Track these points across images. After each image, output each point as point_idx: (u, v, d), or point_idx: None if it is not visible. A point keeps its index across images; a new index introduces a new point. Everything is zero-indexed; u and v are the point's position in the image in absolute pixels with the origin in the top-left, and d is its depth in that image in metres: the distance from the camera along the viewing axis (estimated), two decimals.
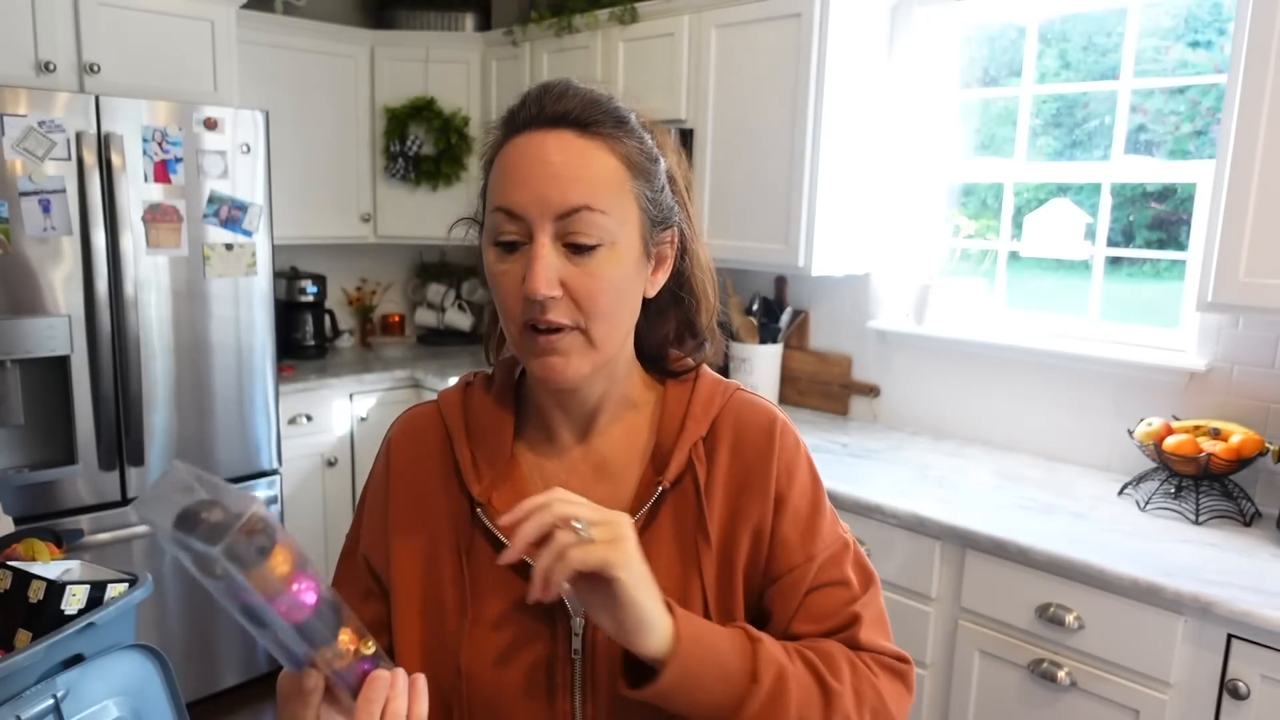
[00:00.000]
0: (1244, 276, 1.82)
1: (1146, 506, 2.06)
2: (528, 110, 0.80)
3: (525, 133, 0.79)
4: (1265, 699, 1.59)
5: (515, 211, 0.77)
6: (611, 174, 0.79)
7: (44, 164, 2.39)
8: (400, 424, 0.95)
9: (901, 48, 2.66)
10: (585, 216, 0.77)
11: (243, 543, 0.59)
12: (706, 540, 0.84)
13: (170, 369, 2.68)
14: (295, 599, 0.63)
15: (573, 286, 0.77)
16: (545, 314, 0.77)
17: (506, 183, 0.79)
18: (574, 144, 0.78)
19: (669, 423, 0.88)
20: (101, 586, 1.64)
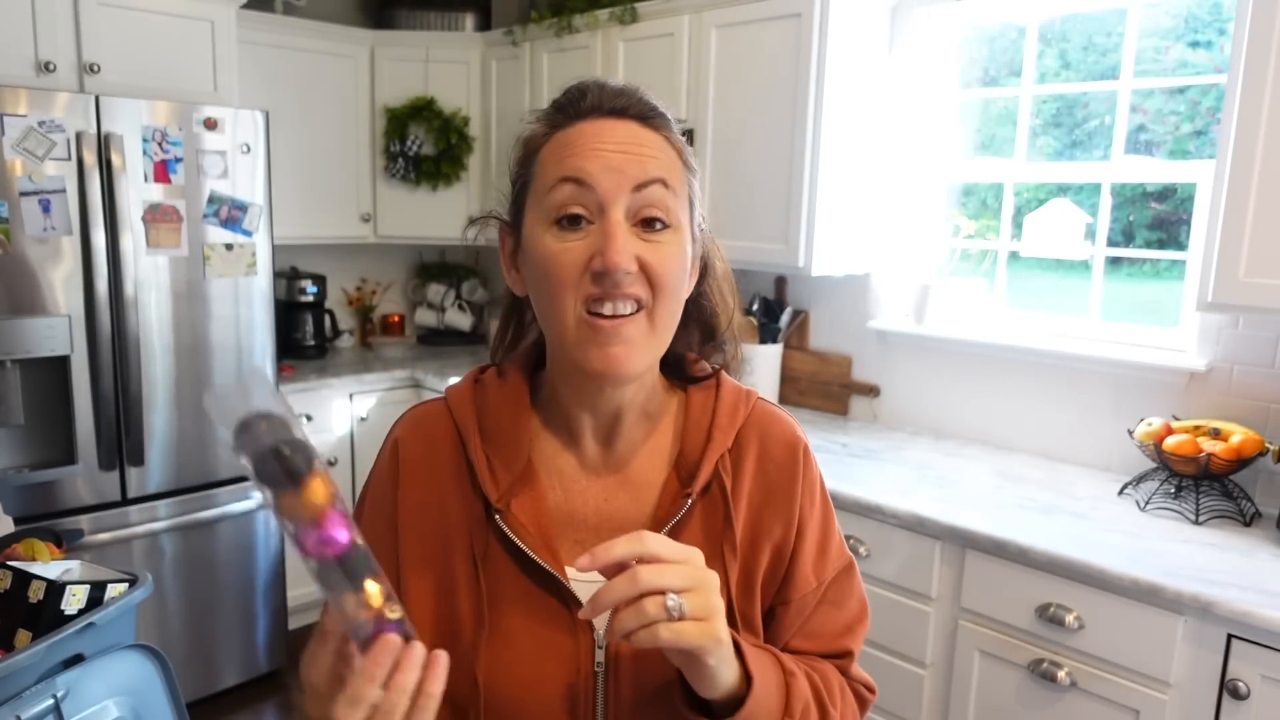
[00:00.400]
0: (1244, 276, 1.82)
1: (1146, 506, 2.06)
2: (589, 100, 0.79)
3: (587, 120, 0.78)
4: (1265, 699, 1.59)
5: (586, 180, 0.74)
6: (675, 162, 0.80)
7: (44, 164, 2.39)
8: (407, 422, 0.91)
9: (901, 48, 2.66)
10: (660, 191, 0.76)
11: (272, 464, 0.58)
12: (733, 548, 0.83)
13: (170, 369, 2.68)
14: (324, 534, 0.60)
15: (646, 260, 0.75)
16: (622, 288, 0.74)
17: (573, 155, 0.76)
18: (643, 132, 0.78)
19: (694, 431, 0.86)
20: (101, 586, 1.64)
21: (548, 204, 0.76)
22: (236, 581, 2.91)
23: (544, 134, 0.80)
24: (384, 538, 0.86)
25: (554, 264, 0.75)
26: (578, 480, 0.86)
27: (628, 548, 0.66)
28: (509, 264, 0.86)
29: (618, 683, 0.79)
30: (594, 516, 0.85)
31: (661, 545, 0.67)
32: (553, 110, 0.81)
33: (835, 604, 0.88)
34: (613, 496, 0.85)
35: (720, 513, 0.84)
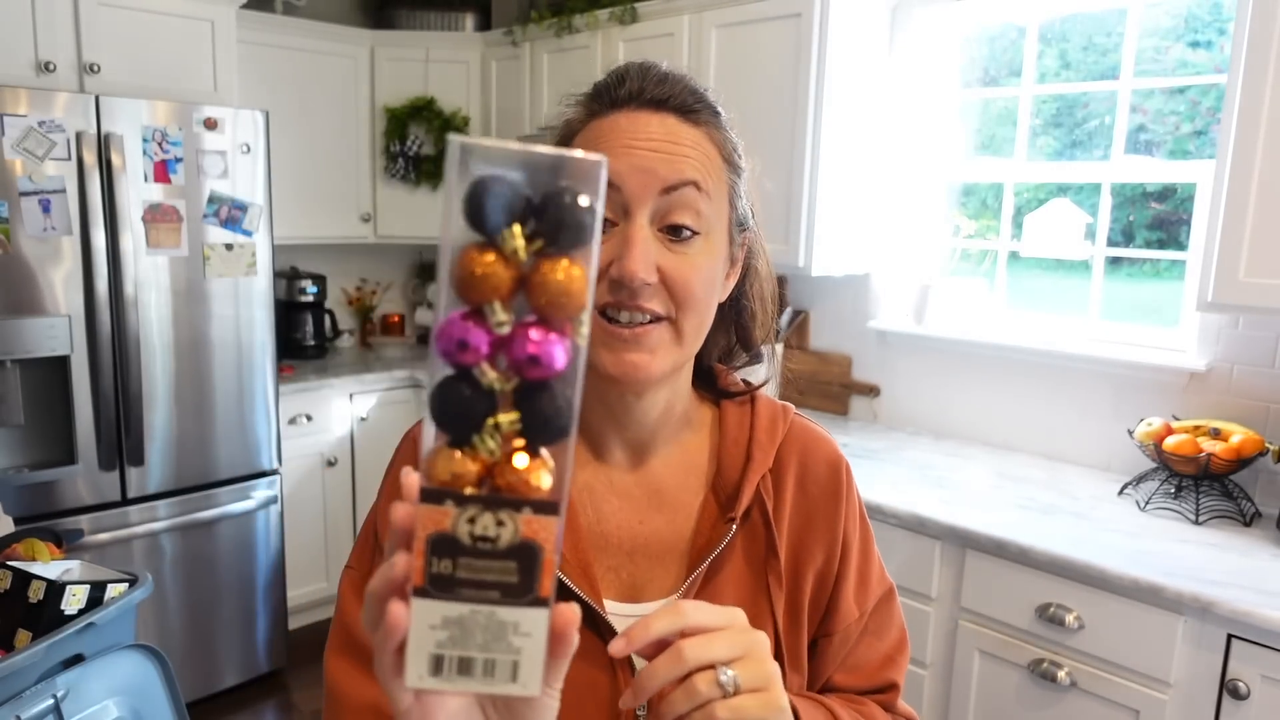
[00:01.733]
0: (1244, 276, 1.82)
1: (1146, 506, 2.06)
2: (628, 88, 0.73)
3: (624, 110, 0.73)
4: (1265, 699, 1.59)
5: (614, 181, 0.69)
6: (714, 161, 0.75)
7: (44, 164, 2.39)
8: (416, 435, 0.83)
9: (901, 47, 2.66)
10: (691, 195, 0.71)
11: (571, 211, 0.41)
12: (778, 578, 0.78)
13: (170, 369, 2.68)
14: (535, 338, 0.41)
15: (668, 272, 0.70)
16: (638, 300, 0.69)
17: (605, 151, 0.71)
18: (681, 128, 0.73)
19: (732, 449, 0.81)
20: (101, 586, 1.64)
21: None
22: (236, 581, 2.91)
23: (580, 121, 0.76)
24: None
25: None
26: (608, 500, 0.79)
27: (668, 624, 0.58)
28: None
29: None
30: (628, 541, 0.79)
31: (702, 614, 0.60)
32: (592, 95, 0.76)
33: (877, 634, 0.83)
34: (647, 519, 0.79)
35: (763, 539, 0.79)
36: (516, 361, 0.41)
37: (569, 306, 0.41)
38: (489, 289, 0.40)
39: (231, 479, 2.86)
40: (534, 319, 0.42)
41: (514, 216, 0.40)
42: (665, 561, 0.78)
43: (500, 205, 0.40)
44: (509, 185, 0.40)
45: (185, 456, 2.75)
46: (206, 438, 2.79)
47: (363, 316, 4.00)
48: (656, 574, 0.78)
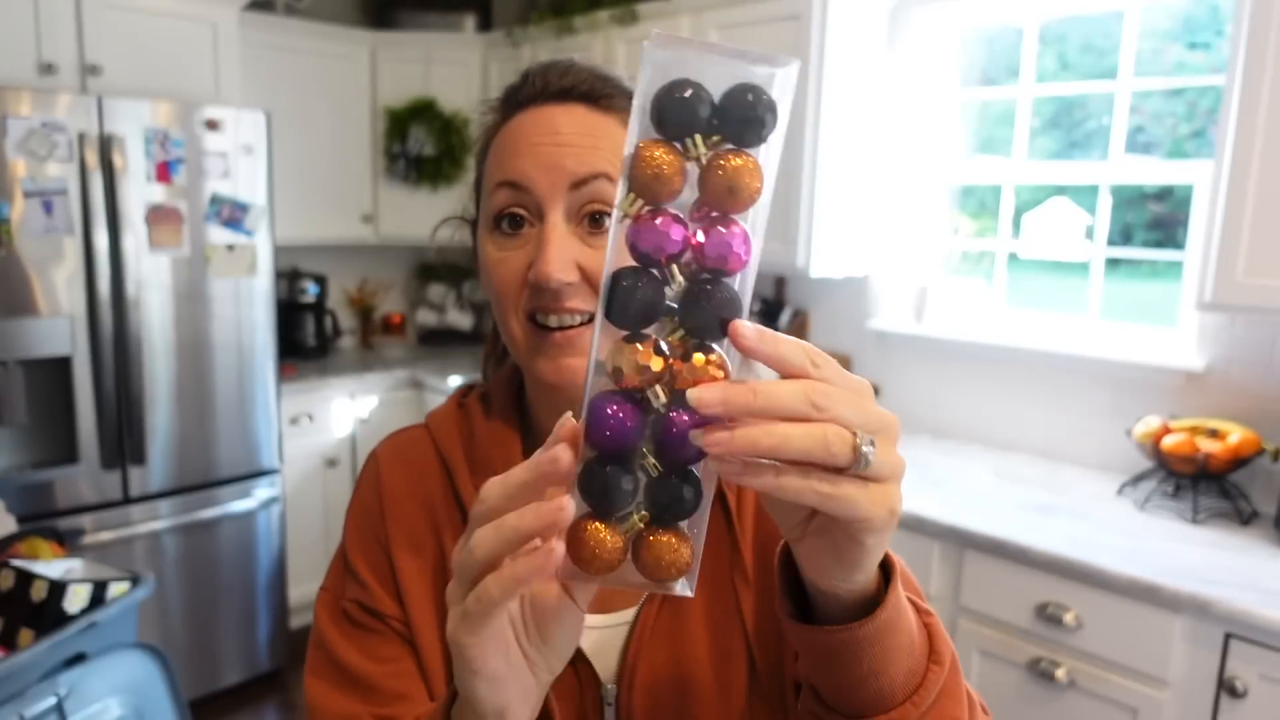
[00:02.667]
0: (1242, 276, 1.83)
1: (1144, 506, 2.06)
2: (531, 85, 0.72)
3: (529, 108, 0.71)
4: (1263, 698, 1.60)
5: (521, 183, 0.68)
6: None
7: (46, 164, 2.40)
8: (388, 449, 0.82)
9: (901, 49, 2.67)
10: (603, 186, 0.68)
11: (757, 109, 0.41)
12: (745, 579, 0.73)
13: (172, 369, 2.69)
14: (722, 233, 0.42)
15: (589, 269, 0.67)
16: (561, 302, 0.67)
17: (510, 155, 0.70)
18: (587, 117, 0.70)
19: None
20: (103, 585, 1.65)
21: (489, 206, 0.71)
22: (238, 580, 2.91)
23: (495, 126, 0.74)
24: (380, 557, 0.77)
25: (494, 274, 0.70)
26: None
27: (797, 351, 0.45)
28: (476, 265, 0.78)
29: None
30: None
31: (837, 369, 0.47)
32: (502, 99, 0.75)
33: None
34: None
35: (724, 536, 0.74)
36: (711, 256, 0.41)
37: (744, 199, 0.41)
38: (675, 188, 0.41)
39: (233, 478, 2.87)
40: (715, 215, 0.42)
41: (698, 120, 0.41)
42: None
43: (686, 110, 0.41)
44: (695, 89, 0.41)
45: (187, 456, 2.76)
46: (208, 437, 2.79)
47: (364, 317, 4.01)
48: None
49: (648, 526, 0.45)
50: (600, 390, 0.43)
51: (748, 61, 0.42)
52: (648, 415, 0.43)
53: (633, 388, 0.42)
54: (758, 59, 0.42)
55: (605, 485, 0.43)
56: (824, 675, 0.55)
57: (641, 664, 0.71)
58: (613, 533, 0.44)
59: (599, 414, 0.42)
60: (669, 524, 0.45)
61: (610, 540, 0.44)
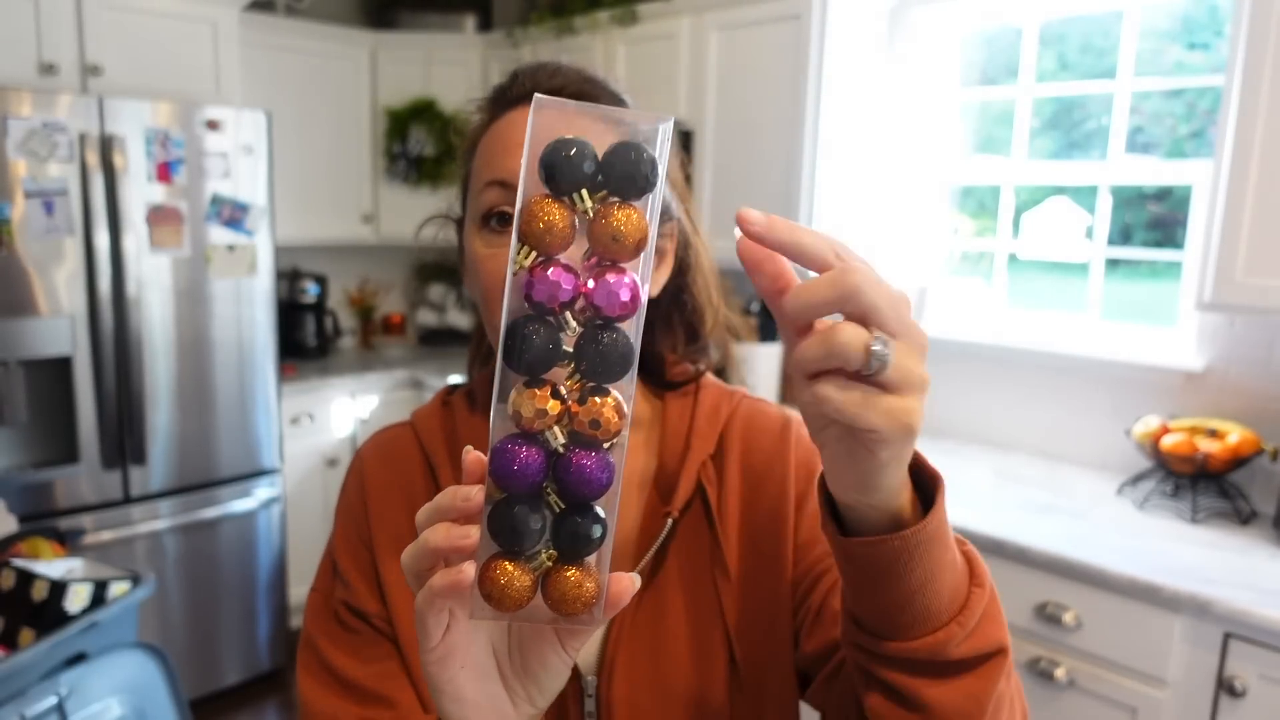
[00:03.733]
0: (1241, 276, 1.83)
1: (1144, 506, 2.06)
2: (520, 86, 0.73)
3: (518, 108, 0.72)
4: (1262, 697, 1.60)
5: (511, 182, 0.68)
6: None
7: (47, 165, 2.40)
8: (372, 448, 0.83)
9: (900, 49, 2.67)
10: None
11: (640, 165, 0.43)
12: (725, 574, 0.74)
13: (172, 369, 2.70)
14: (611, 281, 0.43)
15: None
16: None
17: (500, 154, 0.70)
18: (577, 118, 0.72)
19: (672, 442, 0.78)
20: (104, 585, 1.65)
21: (477, 205, 0.72)
22: (238, 580, 2.92)
23: (482, 125, 0.75)
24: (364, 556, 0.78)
25: (482, 270, 0.71)
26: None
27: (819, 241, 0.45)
28: (463, 265, 0.79)
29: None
30: None
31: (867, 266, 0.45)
32: (489, 99, 0.76)
33: None
34: None
35: (705, 533, 0.75)
36: (599, 303, 0.43)
37: (630, 249, 0.43)
38: (565, 240, 0.43)
39: (233, 478, 2.87)
40: (607, 264, 0.44)
41: (584, 176, 0.43)
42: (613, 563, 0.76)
43: (573, 166, 0.43)
44: (580, 147, 0.43)
45: (187, 456, 2.76)
46: (208, 437, 2.80)
47: (364, 317, 4.01)
48: None
49: (555, 564, 0.46)
50: (504, 433, 0.45)
51: (628, 120, 0.45)
52: (549, 456, 0.45)
53: (532, 430, 0.44)
54: (637, 116, 0.45)
55: (512, 525, 0.45)
56: (868, 597, 0.53)
57: (621, 656, 0.72)
58: (522, 571, 0.46)
59: (502, 455, 0.44)
60: (575, 560, 0.46)
61: (519, 578, 0.46)
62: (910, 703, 0.54)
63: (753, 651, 0.74)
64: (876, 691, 0.56)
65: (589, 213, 0.43)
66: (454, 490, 0.47)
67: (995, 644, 0.54)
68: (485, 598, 0.46)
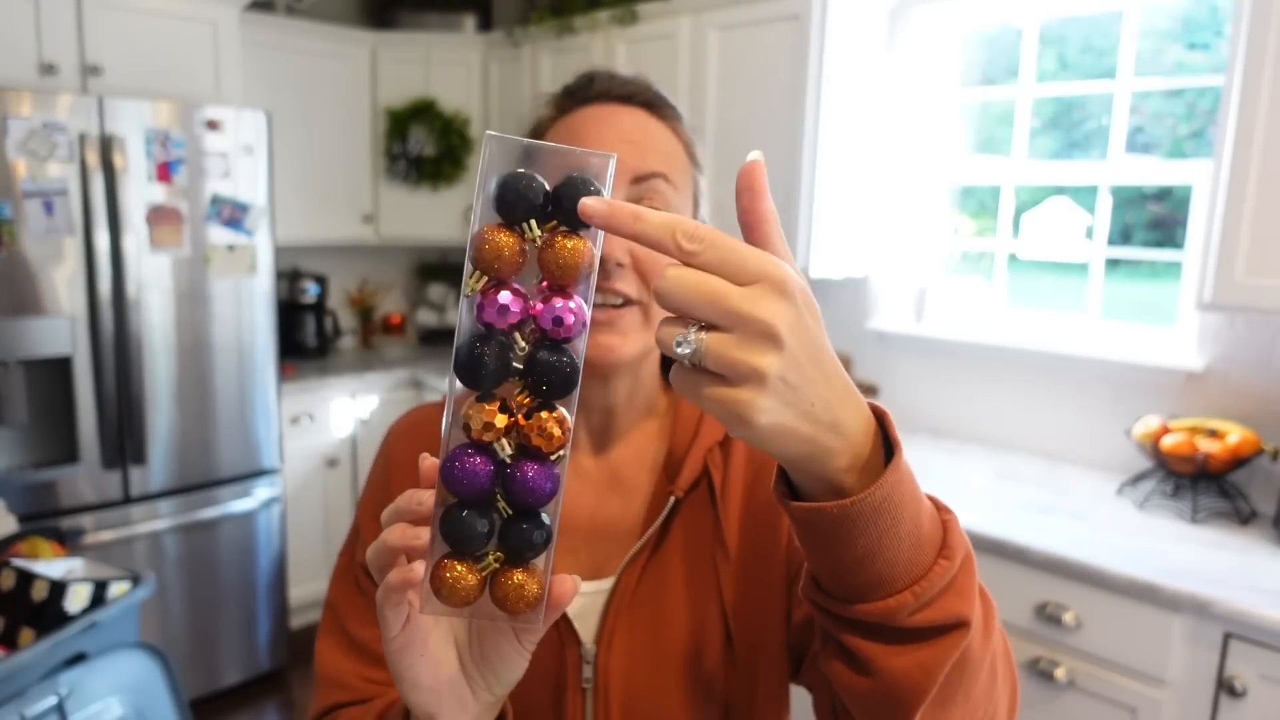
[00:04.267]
0: (1241, 276, 1.83)
1: (1144, 506, 2.06)
2: (598, 86, 0.78)
3: (594, 105, 0.77)
4: (1262, 697, 1.60)
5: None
6: (680, 156, 0.78)
7: (47, 165, 2.40)
8: (402, 425, 0.88)
9: (900, 49, 2.67)
10: (660, 185, 0.74)
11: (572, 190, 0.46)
12: (725, 552, 0.77)
13: (172, 369, 2.69)
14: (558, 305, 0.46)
15: (640, 256, 0.72)
16: (611, 282, 0.72)
17: (577, 142, 0.74)
18: (650, 121, 0.77)
19: (683, 427, 0.82)
20: (104, 585, 1.65)
21: None
22: (238, 580, 2.92)
23: (551, 118, 0.80)
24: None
25: None
26: (571, 484, 0.81)
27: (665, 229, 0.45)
28: None
29: (607, 699, 0.75)
30: (586, 524, 0.81)
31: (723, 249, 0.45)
32: (561, 95, 0.80)
33: None
34: (605, 502, 0.81)
35: (708, 513, 0.78)
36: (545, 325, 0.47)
37: (577, 274, 0.47)
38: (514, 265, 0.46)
39: (233, 478, 2.87)
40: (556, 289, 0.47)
41: (534, 207, 0.46)
42: (620, 543, 0.80)
43: (524, 198, 0.46)
44: (531, 180, 0.46)
45: (187, 456, 2.76)
46: (208, 437, 2.80)
47: (364, 317, 4.01)
48: (612, 555, 0.79)
49: (502, 566, 0.50)
50: (457, 443, 0.48)
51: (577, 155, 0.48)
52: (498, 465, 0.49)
53: (482, 442, 0.48)
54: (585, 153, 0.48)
55: (461, 528, 0.48)
56: (818, 558, 0.54)
57: (620, 627, 0.76)
58: (470, 570, 0.49)
59: (453, 464, 0.48)
60: (520, 563, 0.50)
61: (467, 578, 0.49)
62: (862, 666, 0.54)
63: (747, 630, 0.77)
64: (834, 654, 0.57)
65: (538, 241, 0.46)
66: (410, 494, 0.51)
67: (954, 617, 0.53)
68: (435, 593, 0.49)
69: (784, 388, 0.44)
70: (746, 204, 0.50)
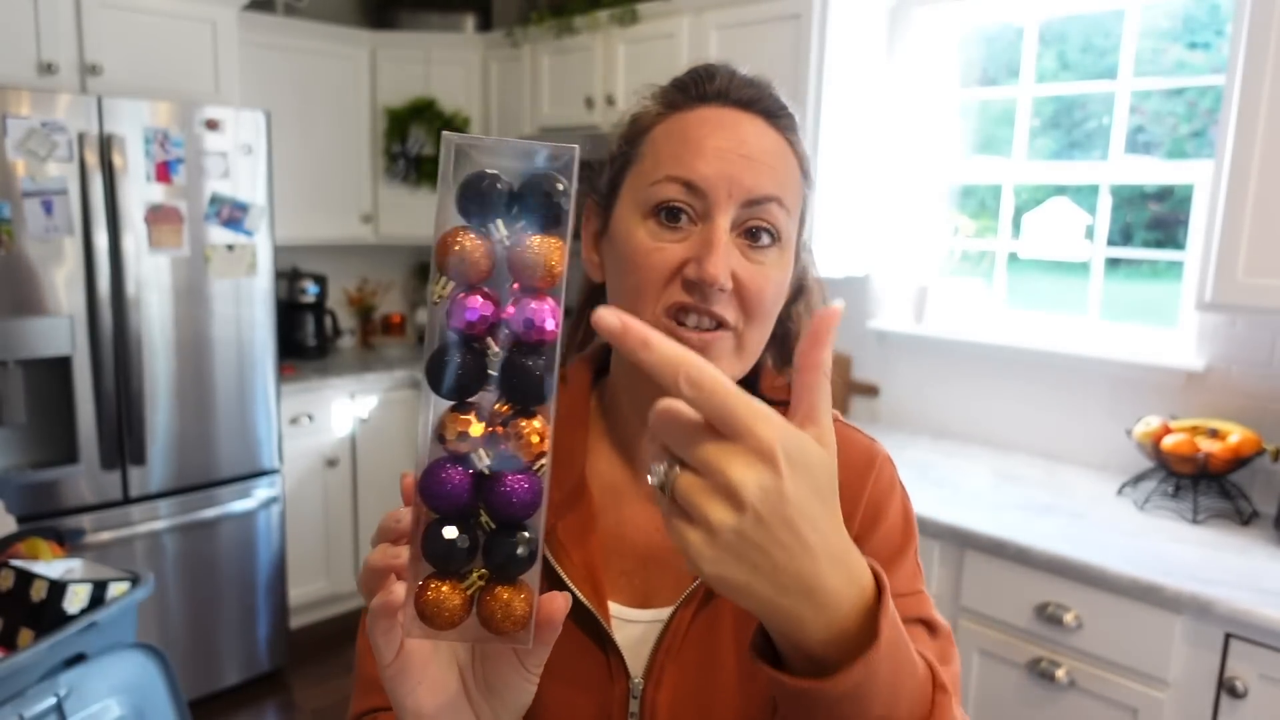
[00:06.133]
0: (1242, 276, 1.83)
1: (1145, 506, 2.06)
2: (717, 84, 0.72)
3: (710, 105, 0.71)
4: (1263, 698, 1.60)
5: (700, 185, 0.67)
6: (794, 175, 0.73)
7: (46, 164, 2.39)
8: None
9: (901, 48, 2.67)
10: (774, 209, 0.69)
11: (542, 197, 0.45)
12: None
13: (172, 369, 2.69)
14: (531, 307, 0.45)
15: (743, 281, 0.68)
16: (710, 304, 0.67)
17: (691, 151, 0.69)
18: (768, 133, 0.71)
19: None
20: (103, 585, 1.65)
21: (649, 194, 0.70)
22: (238, 580, 2.91)
23: (658, 112, 0.73)
24: None
25: (643, 261, 0.69)
26: (633, 503, 0.77)
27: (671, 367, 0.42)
28: (591, 246, 0.77)
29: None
30: (644, 547, 0.76)
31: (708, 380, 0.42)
32: (672, 88, 0.74)
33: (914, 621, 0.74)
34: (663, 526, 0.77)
35: None
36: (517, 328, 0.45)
37: (547, 276, 0.45)
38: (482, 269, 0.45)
39: (232, 478, 2.87)
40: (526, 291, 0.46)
41: (499, 207, 0.45)
42: (675, 572, 0.76)
43: (488, 198, 0.45)
44: (494, 179, 0.45)
45: (187, 456, 2.76)
46: (208, 437, 2.79)
47: (363, 316, 4.01)
48: (667, 581, 0.76)
49: (487, 583, 0.48)
50: (434, 456, 0.46)
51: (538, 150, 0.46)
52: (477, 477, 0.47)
53: (458, 453, 0.46)
54: (545, 148, 0.46)
55: (441, 545, 0.46)
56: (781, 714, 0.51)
57: (670, 664, 0.73)
58: (454, 590, 0.47)
59: (430, 478, 0.46)
60: (505, 580, 0.48)
61: (451, 598, 0.47)
62: None
63: None
64: None
65: (505, 242, 0.45)
66: (390, 513, 0.50)
67: None
68: (420, 616, 0.47)
69: (739, 544, 0.43)
70: (806, 347, 0.47)
